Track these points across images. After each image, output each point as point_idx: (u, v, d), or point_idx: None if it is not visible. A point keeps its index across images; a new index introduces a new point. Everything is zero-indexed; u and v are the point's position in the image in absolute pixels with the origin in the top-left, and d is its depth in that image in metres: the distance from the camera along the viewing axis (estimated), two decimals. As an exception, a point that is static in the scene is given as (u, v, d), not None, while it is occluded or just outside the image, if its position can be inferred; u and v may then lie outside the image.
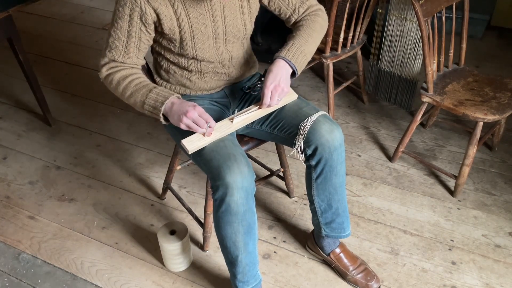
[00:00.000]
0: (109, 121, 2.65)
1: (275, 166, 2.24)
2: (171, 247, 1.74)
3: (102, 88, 2.40)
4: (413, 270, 1.82)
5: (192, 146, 1.43)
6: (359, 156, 2.36)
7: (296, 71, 1.53)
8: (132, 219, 2.06)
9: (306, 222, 2.01)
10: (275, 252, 1.90)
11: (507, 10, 3.28)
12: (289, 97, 1.59)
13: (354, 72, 2.91)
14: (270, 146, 2.39)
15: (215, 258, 1.88)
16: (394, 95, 2.65)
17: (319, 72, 2.99)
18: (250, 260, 1.55)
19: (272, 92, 1.49)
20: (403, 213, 2.05)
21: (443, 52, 2.11)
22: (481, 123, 1.94)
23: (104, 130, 2.58)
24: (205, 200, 1.78)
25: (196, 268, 1.85)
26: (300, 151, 1.56)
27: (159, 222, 2.04)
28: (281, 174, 2.05)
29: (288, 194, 2.14)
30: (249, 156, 2.05)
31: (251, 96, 1.68)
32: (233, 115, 1.50)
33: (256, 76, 1.76)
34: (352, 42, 2.40)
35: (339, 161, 1.56)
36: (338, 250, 1.77)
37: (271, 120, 1.62)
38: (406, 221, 2.01)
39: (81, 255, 1.91)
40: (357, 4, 2.25)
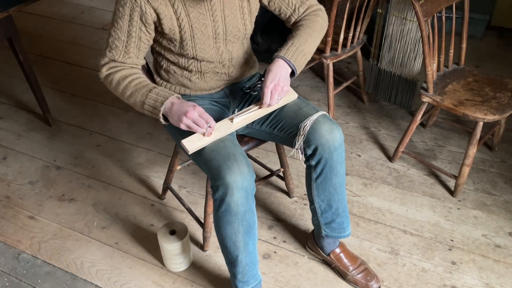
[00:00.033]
0: (109, 121, 2.65)
1: (275, 166, 2.24)
2: (171, 247, 1.74)
3: (102, 88, 2.40)
4: (413, 270, 1.82)
5: (192, 146, 1.43)
6: (359, 156, 2.36)
7: (295, 71, 1.53)
8: (132, 219, 2.06)
9: (306, 222, 2.01)
10: (275, 252, 1.90)
11: (507, 10, 3.28)
12: (289, 96, 1.59)
13: (354, 72, 2.91)
14: (270, 146, 2.39)
15: (215, 258, 1.88)
16: (394, 95, 2.65)
17: (319, 72, 2.99)
18: (250, 260, 1.55)
19: (272, 92, 1.49)
20: (403, 213, 2.05)
21: (443, 52, 2.11)
22: (481, 123, 1.94)
23: (104, 130, 2.58)
24: (205, 200, 1.78)
25: (196, 268, 1.85)
26: (300, 151, 1.56)
27: (159, 222, 2.04)
28: (281, 174, 2.05)
29: (288, 194, 2.14)
30: (249, 156, 2.05)
31: (251, 96, 1.68)
32: (233, 115, 1.50)
33: (256, 76, 1.76)
34: (352, 42, 2.40)
35: (339, 161, 1.56)
36: (338, 250, 1.77)
37: (271, 120, 1.61)
38: (406, 221, 2.01)
39: (81, 255, 1.91)
40: (357, 4, 2.25)
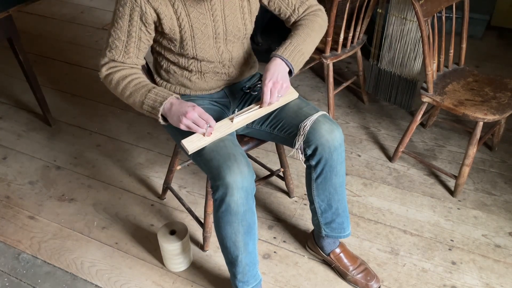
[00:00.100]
0: (109, 121, 2.65)
1: (275, 166, 2.24)
2: (171, 247, 1.74)
3: (102, 88, 2.40)
4: (413, 270, 1.82)
5: (192, 146, 1.43)
6: (359, 156, 2.36)
7: (293, 70, 1.53)
8: (132, 219, 2.06)
9: (306, 222, 2.01)
10: (275, 252, 1.90)
11: (507, 10, 3.28)
12: (290, 95, 1.59)
13: (354, 72, 2.91)
14: (270, 146, 2.39)
15: (215, 258, 1.88)
16: (394, 95, 2.65)
17: (319, 72, 2.99)
18: (250, 260, 1.55)
19: (272, 90, 1.49)
20: (403, 213, 2.05)
21: (443, 52, 2.11)
22: (481, 123, 1.94)
23: (104, 130, 2.58)
24: (205, 200, 1.78)
25: (196, 268, 1.85)
26: (300, 151, 1.56)
27: (159, 222, 2.04)
28: (281, 174, 2.05)
29: (288, 194, 2.14)
30: (249, 156, 2.05)
31: (251, 96, 1.68)
32: (233, 115, 1.50)
33: (256, 76, 1.76)
34: (352, 42, 2.40)
35: (339, 161, 1.56)
36: (338, 250, 1.77)
37: (271, 120, 1.61)
38: (406, 221, 2.01)
39: (81, 255, 1.91)
40: (357, 4, 2.25)
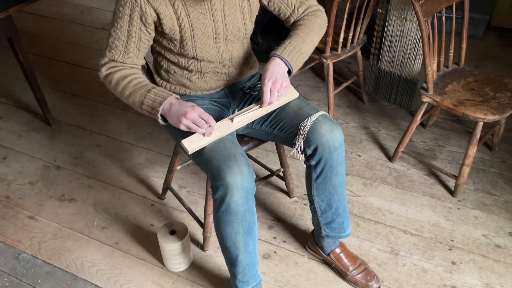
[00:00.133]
0: (109, 121, 2.65)
1: (275, 166, 2.24)
2: (171, 247, 1.74)
3: (102, 88, 2.40)
4: (413, 270, 1.82)
5: (192, 146, 1.43)
6: (359, 156, 2.36)
7: (292, 70, 1.53)
8: (132, 219, 2.06)
9: (306, 222, 2.01)
10: (275, 252, 1.90)
11: (507, 10, 3.28)
12: (290, 95, 1.59)
13: (354, 72, 2.91)
14: (270, 146, 2.39)
15: (215, 258, 1.88)
16: (394, 95, 2.65)
17: (319, 72, 2.99)
18: (250, 260, 1.55)
19: (271, 89, 1.48)
20: (403, 213, 2.05)
21: (443, 52, 2.11)
22: (481, 123, 1.94)
23: (104, 130, 2.58)
24: (205, 200, 1.78)
25: (196, 268, 1.85)
26: (300, 151, 1.56)
27: (159, 222, 2.04)
28: (281, 174, 2.05)
29: (288, 194, 2.14)
30: (249, 156, 2.05)
31: (251, 96, 1.68)
32: (233, 115, 1.50)
33: (256, 76, 1.76)
34: (352, 42, 2.40)
35: (339, 161, 1.56)
36: (338, 250, 1.77)
37: (271, 120, 1.61)
38: (406, 221, 2.01)
39: (81, 255, 1.91)
40: (357, 4, 2.25)
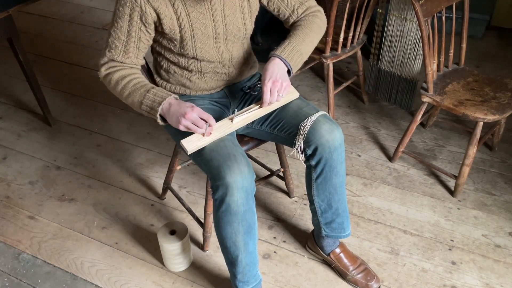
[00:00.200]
0: (109, 121, 2.65)
1: (275, 166, 2.24)
2: (171, 247, 1.74)
3: (102, 88, 2.39)
4: (413, 270, 1.82)
5: (191, 146, 1.43)
6: (359, 156, 2.36)
7: (291, 70, 1.53)
8: (132, 219, 2.06)
9: (306, 222, 2.01)
10: (275, 252, 1.90)
11: (507, 10, 3.28)
12: (290, 95, 1.59)
13: (354, 72, 2.91)
14: (270, 146, 2.39)
15: (215, 258, 1.88)
16: (394, 95, 2.65)
17: (319, 72, 2.99)
18: (250, 260, 1.55)
19: (271, 89, 1.48)
20: (403, 213, 2.05)
21: (443, 52, 2.11)
22: (481, 123, 1.94)
23: (104, 130, 2.58)
24: (205, 200, 1.78)
25: (196, 268, 1.85)
26: (300, 151, 1.56)
27: (159, 222, 2.04)
28: (281, 174, 2.05)
29: (288, 194, 2.14)
30: (249, 156, 2.05)
31: (251, 96, 1.68)
32: (233, 115, 1.50)
33: (256, 76, 1.76)
34: (352, 42, 2.40)
35: (339, 161, 1.56)
36: (338, 250, 1.77)
37: (271, 120, 1.61)
38: (406, 221, 2.01)
39: (81, 255, 1.91)
40: (357, 4, 2.25)
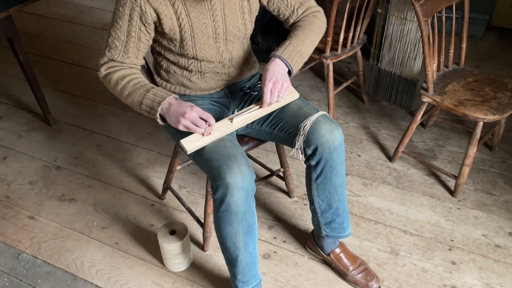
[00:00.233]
0: (109, 121, 2.65)
1: (275, 166, 2.24)
2: (171, 247, 1.74)
3: (102, 88, 2.39)
4: (413, 270, 1.82)
5: (191, 146, 1.43)
6: (359, 156, 2.36)
7: (292, 70, 1.53)
8: (132, 219, 2.06)
9: (306, 222, 2.01)
10: (275, 252, 1.90)
11: (507, 10, 3.28)
12: (290, 96, 1.59)
13: (354, 72, 2.91)
14: (270, 146, 2.39)
15: (215, 258, 1.88)
16: (394, 95, 2.65)
17: (319, 72, 2.99)
18: (250, 260, 1.55)
19: (272, 90, 1.48)
20: (403, 213, 2.05)
21: (443, 52, 2.11)
22: (481, 123, 1.94)
23: (104, 130, 2.58)
24: (205, 200, 1.78)
25: (196, 268, 1.85)
26: (300, 151, 1.56)
27: (159, 222, 2.04)
28: (281, 174, 2.05)
29: (288, 194, 2.14)
30: (249, 156, 2.05)
31: (251, 96, 1.68)
32: (233, 115, 1.50)
33: (256, 76, 1.76)
34: (352, 42, 2.40)
35: (339, 161, 1.56)
36: (338, 250, 1.77)
37: (271, 120, 1.61)
38: (406, 221, 2.01)
39: (81, 255, 1.91)
40: (357, 4, 2.25)
